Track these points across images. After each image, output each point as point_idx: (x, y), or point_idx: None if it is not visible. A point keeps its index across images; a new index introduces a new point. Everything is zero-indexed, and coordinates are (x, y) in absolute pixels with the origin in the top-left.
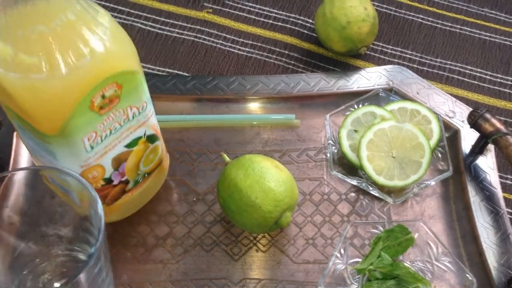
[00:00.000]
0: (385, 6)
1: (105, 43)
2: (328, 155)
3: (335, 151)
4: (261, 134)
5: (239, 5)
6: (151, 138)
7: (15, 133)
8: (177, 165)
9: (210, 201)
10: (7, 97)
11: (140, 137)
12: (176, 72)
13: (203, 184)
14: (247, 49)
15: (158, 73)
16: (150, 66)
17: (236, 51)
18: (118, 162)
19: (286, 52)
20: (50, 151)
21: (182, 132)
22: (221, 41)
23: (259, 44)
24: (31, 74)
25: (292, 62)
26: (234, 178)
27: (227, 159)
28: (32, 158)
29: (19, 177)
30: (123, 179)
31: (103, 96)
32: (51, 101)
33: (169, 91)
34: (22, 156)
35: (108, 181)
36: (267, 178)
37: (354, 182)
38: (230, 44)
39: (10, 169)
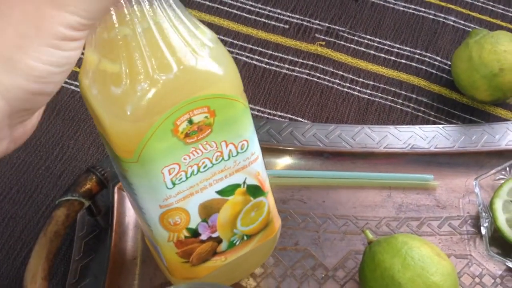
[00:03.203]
0: None
1: (199, 58)
2: (483, 231)
3: (487, 224)
4: (393, 197)
5: (356, 38)
6: (254, 191)
7: (116, 189)
8: (300, 232)
9: (341, 279)
10: (95, 117)
11: (237, 185)
12: (290, 116)
13: (331, 257)
14: (369, 91)
15: (269, 117)
16: (260, 108)
17: (356, 93)
18: (207, 211)
19: (414, 96)
20: (129, 183)
21: (303, 191)
22: (338, 81)
23: (381, 85)
24: (111, 84)
25: (422, 108)
26: (389, 267)
27: (371, 236)
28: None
29: None
30: (214, 235)
31: (191, 121)
32: (127, 117)
33: (287, 141)
34: (127, 215)
35: (194, 233)
36: (431, 270)
37: None
38: (348, 85)
39: (114, 231)
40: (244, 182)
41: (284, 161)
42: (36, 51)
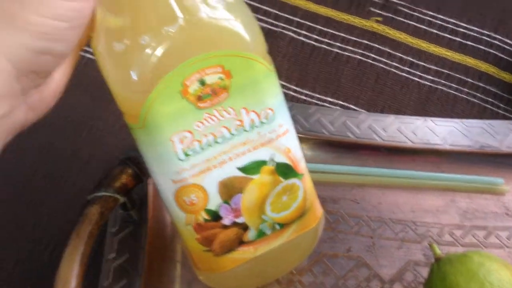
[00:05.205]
0: None
1: (211, 10)
2: None
3: None
4: (457, 202)
5: (416, 14)
6: (284, 170)
7: (149, 180)
8: (353, 237)
9: None
10: (106, 81)
11: (263, 162)
12: (341, 103)
13: (387, 266)
14: (430, 77)
15: (318, 102)
16: (308, 93)
17: (417, 79)
18: (229, 190)
19: (481, 84)
20: (142, 154)
21: (355, 190)
22: (396, 64)
23: (445, 71)
24: (113, 40)
25: (490, 99)
26: None
27: (438, 252)
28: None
29: None
30: (239, 220)
31: (202, 82)
32: (130, 76)
33: (340, 133)
34: (164, 210)
35: (215, 216)
36: None
37: None
38: (408, 69)
39: (149, 228)
40: (272, 160)
41: (334, 155)
42: (39, 3)
